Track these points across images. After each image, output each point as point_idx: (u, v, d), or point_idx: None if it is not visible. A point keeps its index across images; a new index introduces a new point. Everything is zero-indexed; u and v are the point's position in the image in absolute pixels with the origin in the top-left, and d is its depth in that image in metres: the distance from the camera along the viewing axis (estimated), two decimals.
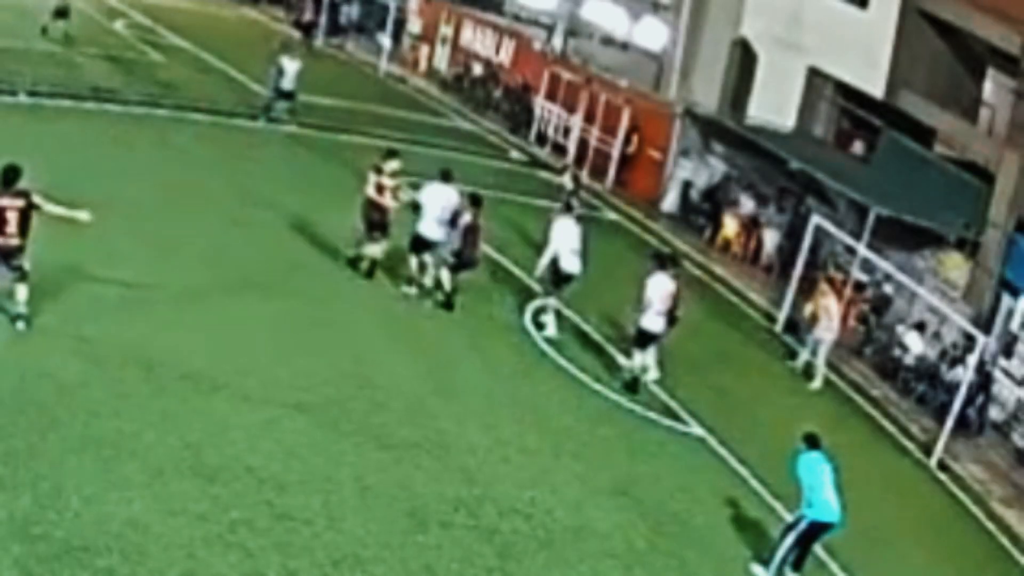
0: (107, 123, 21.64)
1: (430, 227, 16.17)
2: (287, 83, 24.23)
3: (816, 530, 12.08)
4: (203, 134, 22.48)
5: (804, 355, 18.90)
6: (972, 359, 17.78)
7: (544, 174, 26.86)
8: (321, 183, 21.05)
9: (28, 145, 18.76)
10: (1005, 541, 15.51)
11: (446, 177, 16.49)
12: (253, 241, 17.22)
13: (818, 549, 12.93)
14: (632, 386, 15.56)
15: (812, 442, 12.34)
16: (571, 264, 16.70)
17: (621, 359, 16.26)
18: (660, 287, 15.51)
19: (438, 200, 16.23)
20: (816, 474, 12.03)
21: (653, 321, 15.53)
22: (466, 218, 16.24)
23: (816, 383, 18.43)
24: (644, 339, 15.63)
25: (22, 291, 12.28)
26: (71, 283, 13.85)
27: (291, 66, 24.26)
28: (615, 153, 27.63)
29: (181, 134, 21.95)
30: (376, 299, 16.32)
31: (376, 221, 16.47)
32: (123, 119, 22.17)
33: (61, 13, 27.72)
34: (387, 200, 16.46)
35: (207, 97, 25.13)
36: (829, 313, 18.41)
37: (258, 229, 17.79)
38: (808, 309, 18.89)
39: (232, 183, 19.80)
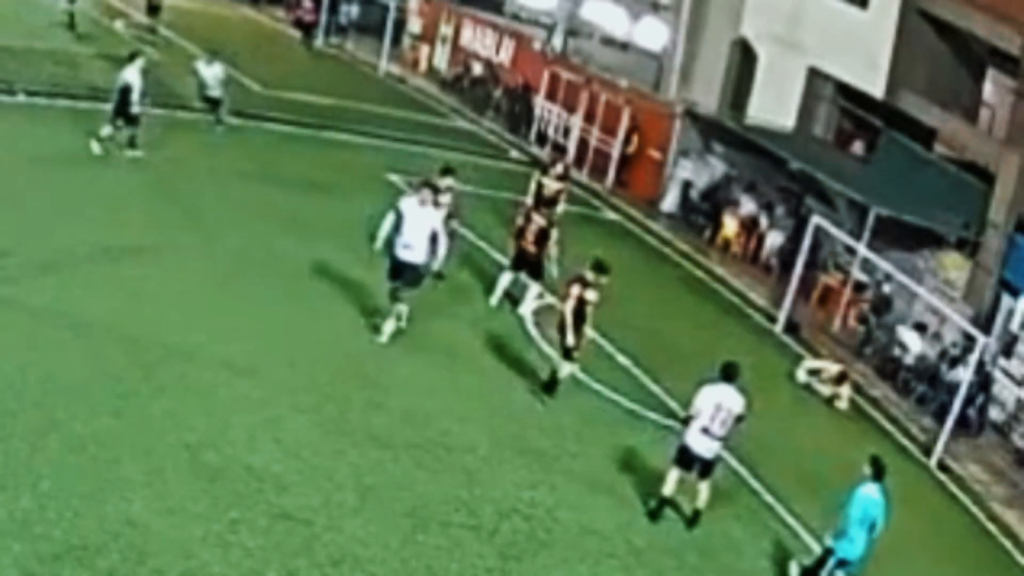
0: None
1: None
2: (210, 90, 22.35)
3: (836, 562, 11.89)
4: (202, 133, 22.44)
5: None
6: (972, 359, 17.79)
7: None
8: (320, 184, 21.03)
9: (26, 145, 18.86)
10: (1005, 541, 15.51)
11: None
12: (252, 242, 17.22)
13: (817, 549, 12.92)
14: (655, 511, 12.54)
15: (877, 469, 11.78)
16: (404, 253, 14.43)
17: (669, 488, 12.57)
18: (713, 399, 12.31)
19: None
20: (867, 515, 11.59)
21: (697, 439, 12.33)
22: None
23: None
24: (684, 457, 12.46)
25: None
26: (73, 284, 13.87)
27: (208, 72, 22.32)
28: (615, 153, 27.63)
29: (180, 133, 21.91)
30: (374, 300, 16.31)
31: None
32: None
33: (154, 10, 30.79)
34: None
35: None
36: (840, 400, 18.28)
37: (256, 230, 17.78)
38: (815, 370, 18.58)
39: (232, 182, 19.80)
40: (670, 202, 26.83)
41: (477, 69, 33.53)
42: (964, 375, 17.85)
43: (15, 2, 29.65)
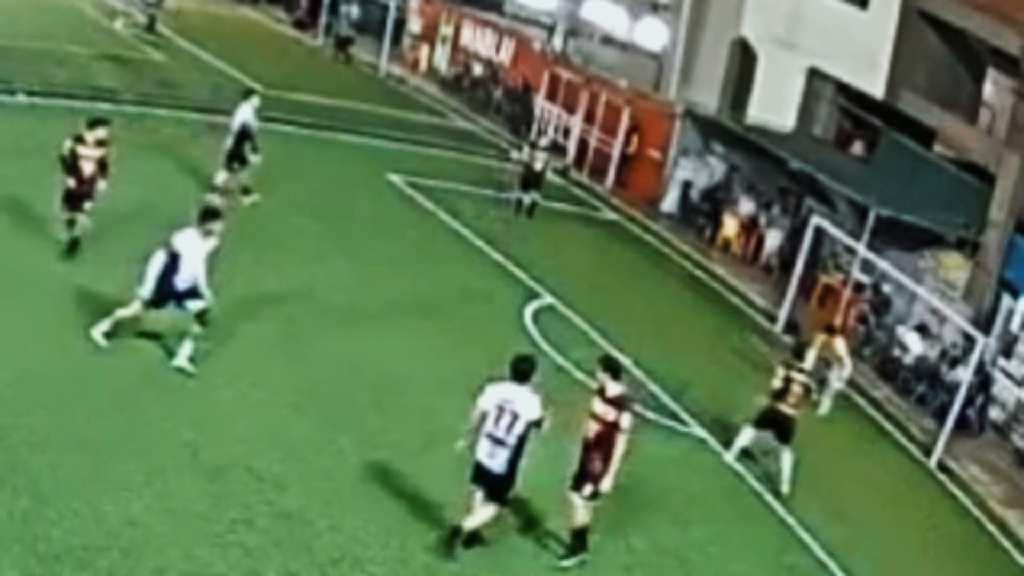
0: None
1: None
2: None
3: None
4: (201, 134, 22.41)
5: (827, 402, 17.48)
6: (972, 359, 17.78)
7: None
8: (321, 185, 21.04)
9: (27, 146, 18.84)
10: (1005, 542, 15.51)
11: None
12: (246, 244, 17.20)
13: (817, 550, 12.96)
14: (450, 542, 10.52)
15: None
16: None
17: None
18: (495, 399, 10.41)
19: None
20: None
21: (480, 446, 10.44)
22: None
23: (824, 408, 18.04)
24: (476, 471, 10.56)
25: None
26: (72, 282, 13.86)
27: None
28: (615, 153, 27.63)
29: (181, 134, 21.90)
30: (373, 302, 16.32)
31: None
32: (122, 119, 22.06)
33: None
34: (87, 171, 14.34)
35: (207, 97, 25.11)
36: (842, 360, 17.57)
37: (246, 229, 17.78)
38: (814, 354, 17.14)
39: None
40: (670, 202, 26.84)
41: (477, 69, 33.55)
42: (964, 375, 17.85)
43: (15, 2, 29.66)
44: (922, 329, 20.36)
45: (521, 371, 10.47)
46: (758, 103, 26.38)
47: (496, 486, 10.47)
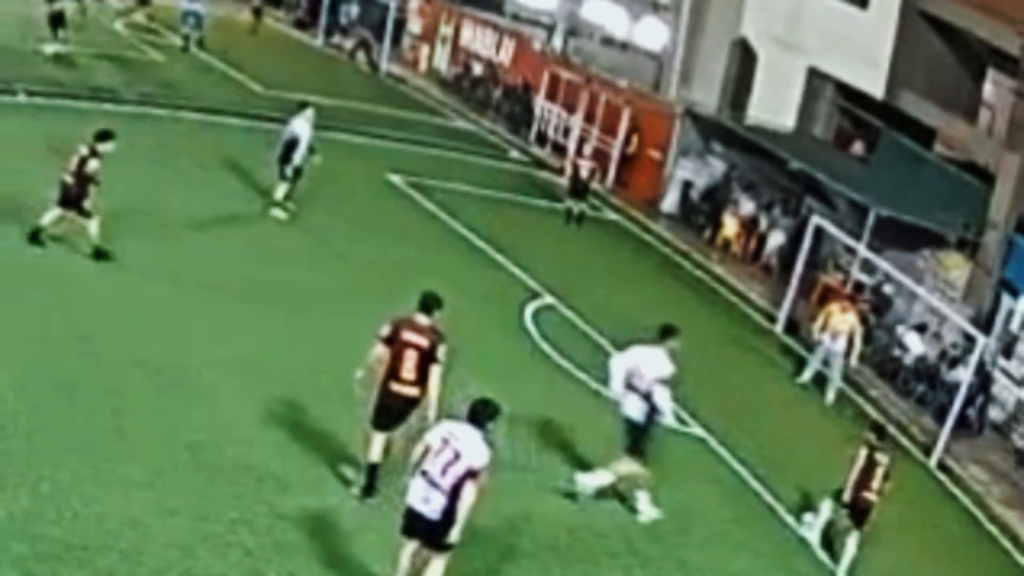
0: (105, 123, 21.52)
1: None
2: None
3: None
4: (201, 134, 22.44)
5: (832, 391, 18.13)
6: (972, 359, 17.78)
7: (544, 174, 26.92)
8: (321, 185, 21.01)
9: (28, 147, 18.85)
10: (1005, 542, 15.51)
11: None
12: (248, 244, 17.22)
13: (817, 550, 12.95)
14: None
15: None
16: None
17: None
18: (442, 433, 9.35)
19: None
20: None
21: (413, 488, 9.28)
22: None
23: (830, 397, 18.13)
24: (407, 518, 9.41)
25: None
26: (71, 281, 13.86)
27: None
28: (615, 153, 27.63)
29: (180, 134, 21.90)
30: (371, 296, 16.30)
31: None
32: (122, 119, 22.08)
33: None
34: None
35: (207, 97, 25.11)
36: (855, 332, 17.98)
37: (249, 229, 17.79)
38: (826, 321, 18.05)
39: (230, 183, 19.80)
40: (670, 202, 26.84)
41: (477, 69, 33.55)
42: (964, 375, 17.85)
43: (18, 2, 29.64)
44: (921, 328, 20.36)
45: (479, 418, 9.37)
46: (758, 103, 26.39)
47: (430, 534, 9.21)
